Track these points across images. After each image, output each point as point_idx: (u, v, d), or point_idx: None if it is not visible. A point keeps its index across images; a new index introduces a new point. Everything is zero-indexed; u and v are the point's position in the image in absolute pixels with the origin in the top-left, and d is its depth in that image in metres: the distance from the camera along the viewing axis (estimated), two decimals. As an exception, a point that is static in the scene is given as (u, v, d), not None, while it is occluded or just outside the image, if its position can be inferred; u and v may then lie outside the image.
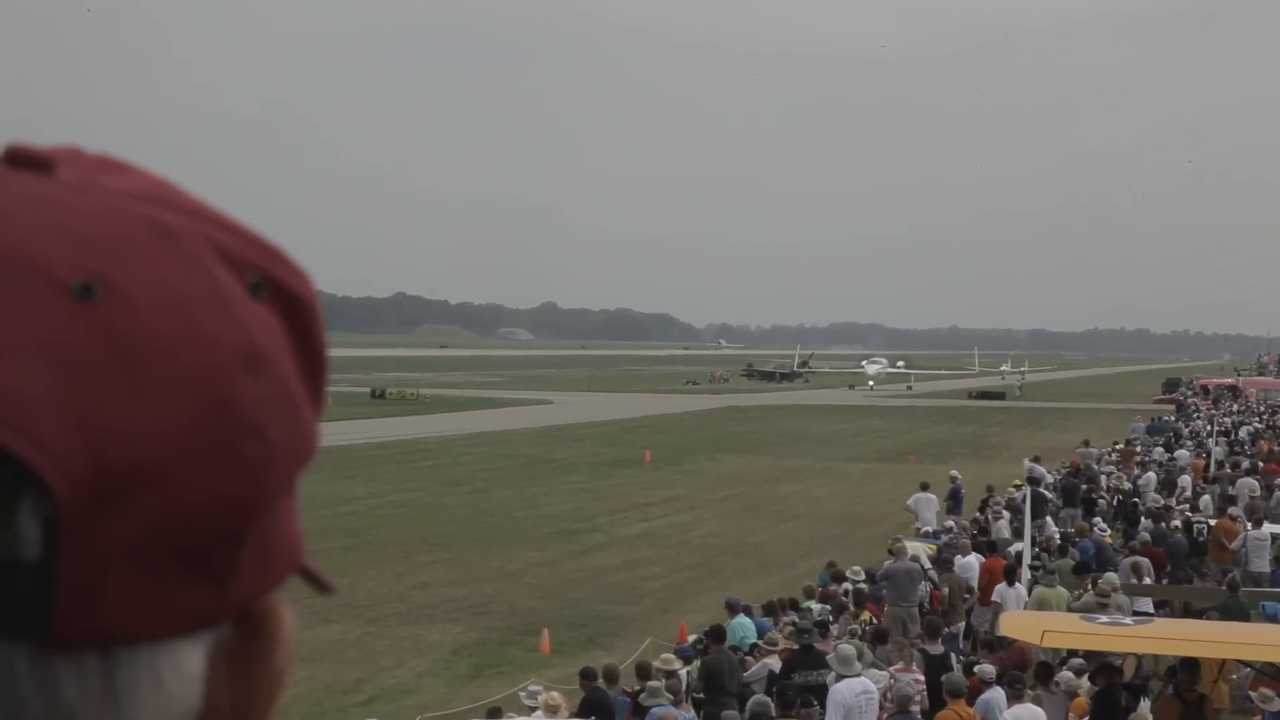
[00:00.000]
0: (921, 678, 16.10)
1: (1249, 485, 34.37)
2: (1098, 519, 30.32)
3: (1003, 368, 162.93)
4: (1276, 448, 47.19)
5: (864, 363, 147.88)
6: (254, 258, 0.78)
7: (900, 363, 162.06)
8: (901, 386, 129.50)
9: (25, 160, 0.76)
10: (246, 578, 0.75)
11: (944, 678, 15.27)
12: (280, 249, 0.80)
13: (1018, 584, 20.60)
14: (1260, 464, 40.16)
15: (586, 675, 15.98)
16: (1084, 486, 34.38)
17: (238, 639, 0.77)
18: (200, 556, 0.72)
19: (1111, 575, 20.41)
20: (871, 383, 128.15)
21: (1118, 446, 47.73)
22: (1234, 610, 18.92)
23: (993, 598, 20.83)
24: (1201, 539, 27.85)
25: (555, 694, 14.82)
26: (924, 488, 32.39)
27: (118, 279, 0.71)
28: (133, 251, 0.73)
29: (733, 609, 19.89)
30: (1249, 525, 26.26)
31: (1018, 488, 33.49)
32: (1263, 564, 25.31)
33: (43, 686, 0.69)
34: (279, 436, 0.74)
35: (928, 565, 23.09)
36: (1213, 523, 28.13)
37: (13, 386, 0.67)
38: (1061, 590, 20.15)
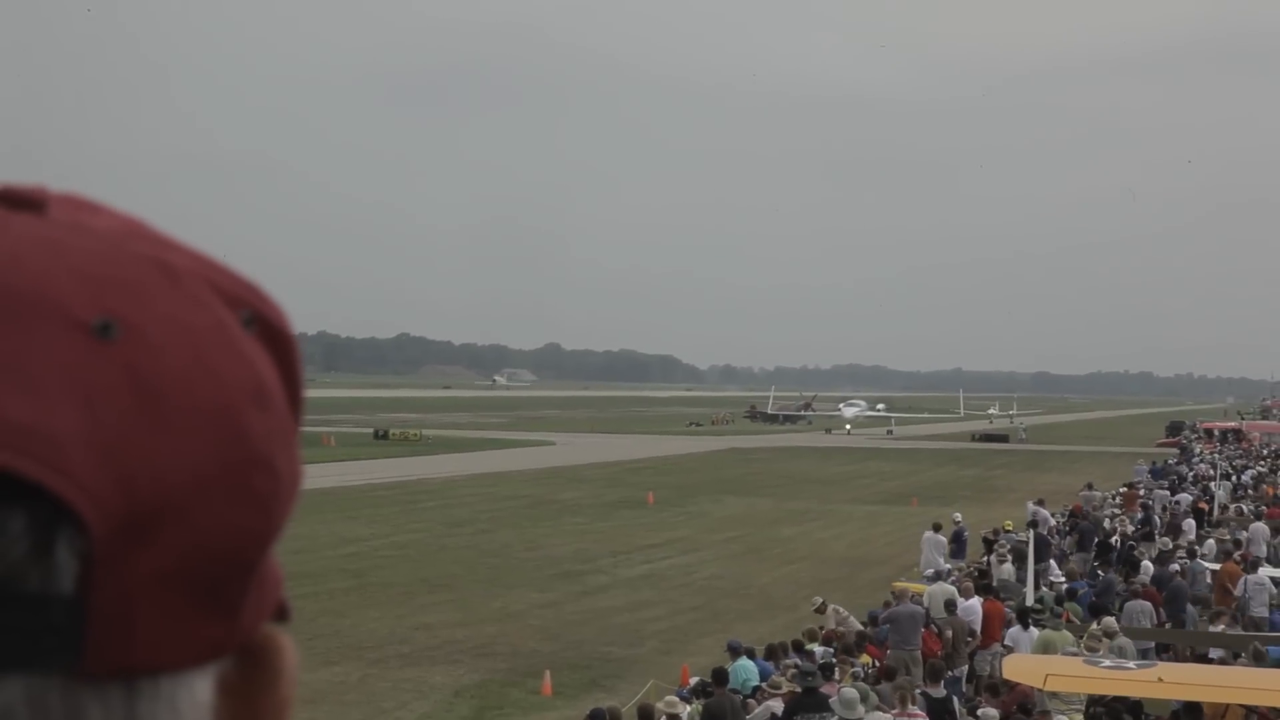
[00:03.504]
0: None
1: (1262, 531, 34.20)
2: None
3: (990, 410, 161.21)
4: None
5: (841, 405, 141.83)
6: (244, 294, 0.80)
7: (880, 405, 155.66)
8: (881, 430, 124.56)
9: (19, 201, 0.78)
10: (250, 609, 0.78)
11: None
12: (260, 286, 0.83)
13: (1032, 627, 20.54)
14: (1265, 508, 40.02)
15: (595, 717, 15.90)
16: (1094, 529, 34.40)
17: (241, 670, 0.80)
18: (217, 588, 0.75)
19: (1110, 619, 20.35)
20: (848, 426, 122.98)
21: (1121, 490, 47.66)
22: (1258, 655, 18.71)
23: (1006, 641, 20.76)
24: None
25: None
26: (935, 529, 32.35)
27: (133, 318, 0.74)
28: (143, 290, 0.75)
29: (735, 651, 19.76)
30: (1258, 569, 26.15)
31: (1006, 533, 33.46)
32: (1262, 609, 25.12)
33: (71, 718, 0.72)
34: (284, 468, 0.77)
35: (944, 611, 22.81)
36: (1216, 567, 28.00)
37: (47, 425, 0.69)
38: (1066, 633, 20.05)
